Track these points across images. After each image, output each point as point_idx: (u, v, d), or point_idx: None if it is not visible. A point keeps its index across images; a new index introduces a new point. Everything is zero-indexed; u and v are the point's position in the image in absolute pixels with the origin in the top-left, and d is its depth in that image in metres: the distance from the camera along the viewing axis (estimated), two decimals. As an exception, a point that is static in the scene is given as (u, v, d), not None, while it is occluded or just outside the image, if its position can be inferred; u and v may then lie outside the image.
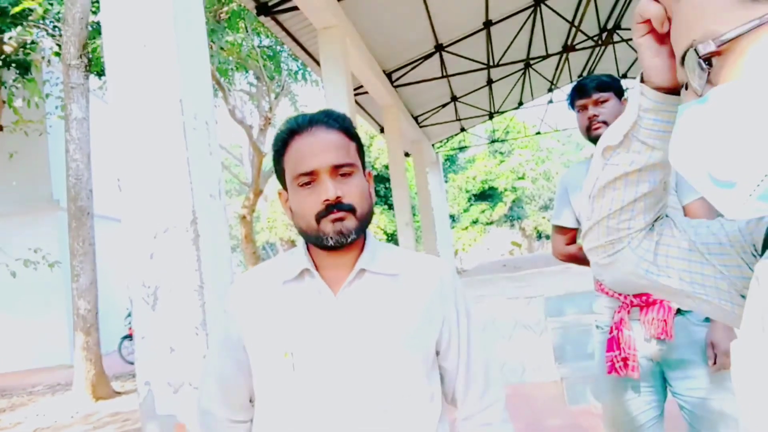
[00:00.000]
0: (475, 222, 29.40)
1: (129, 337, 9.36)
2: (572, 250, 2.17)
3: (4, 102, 8.88)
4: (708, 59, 0.52)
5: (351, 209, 1.02)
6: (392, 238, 20.15)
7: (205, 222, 2.80)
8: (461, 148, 25.96)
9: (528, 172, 30.98)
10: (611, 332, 1.88)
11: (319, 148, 1.02)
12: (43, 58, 9.58)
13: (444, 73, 9.49)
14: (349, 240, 1.02)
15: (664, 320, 1.77)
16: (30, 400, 7.35)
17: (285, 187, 1.09)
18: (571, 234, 2.16)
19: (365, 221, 1.05)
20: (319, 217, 1.01)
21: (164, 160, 2.78)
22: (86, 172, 7.31)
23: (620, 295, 1.88)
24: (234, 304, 1.12)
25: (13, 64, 8.78)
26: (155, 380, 2.75)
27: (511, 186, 29.83)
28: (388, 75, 9.22)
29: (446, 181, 26.94)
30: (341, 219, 1.01)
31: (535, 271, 6.65)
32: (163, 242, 2.75)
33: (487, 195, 29.74)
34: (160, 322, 2.76)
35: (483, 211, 29.40)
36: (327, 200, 1.00)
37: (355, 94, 8.85)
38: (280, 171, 1.08)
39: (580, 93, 1.98)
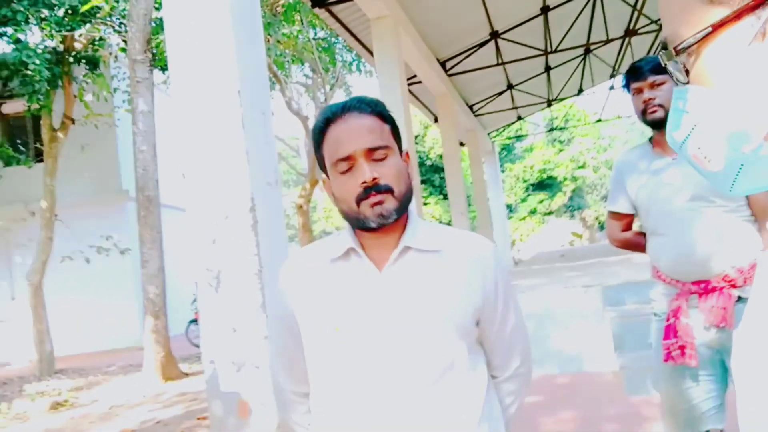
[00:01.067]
0: (533, 212, 28.84)
1: (195, 321, 9.75)
2: (628, 236, 2.12)
3: (75, 96, 9.38)
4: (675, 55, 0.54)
5: (389, 190, 1.05)
6: (447, 228, 20.01)
7: (262, 209, 2.90)
8: (518, 137, 25.48)
9: (589, 160, 30.07)
10: (668, 320, 1.84)
11: (353, 134, 1.05)
12: (110, 54, 10.05)
13: (500, 61, 9.34)
14: (390, 220, 1.05)
15: (723, 308, 1.73)
16: (104, 380, 7.79)
17: (327, 175, 1.14)
18: (627, 220, 2.12)
19: (404, 201, 1.08)
20: (359, 200, 1.05)
21: (224, 150, 2.89)
22: (152, 163, 7.65)
23: (677, 281, 1.84)
24: (286, 281, 1.18)
25: (83, 60, 9.25)
26: (219, 359, 2.89)
27: (571, 175, 29.05)
28: (442, 64, 9.15)
29: (503, 171, 26.53)
30: (380, 202, 1.04)
31: (593, 261, 6.48)
32: (225, 228, 2.87)
33: (545, 184, 29.09)
34: (223, 304, 2.89)
35: (541, 201, 28.80)
36: (364, 182, 1.04)
37: (409, 84, 8.85)
38: (321, 160, 1.13)
39: (635, 75, 1.93)
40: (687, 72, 0.54)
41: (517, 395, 1.21)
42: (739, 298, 1.75)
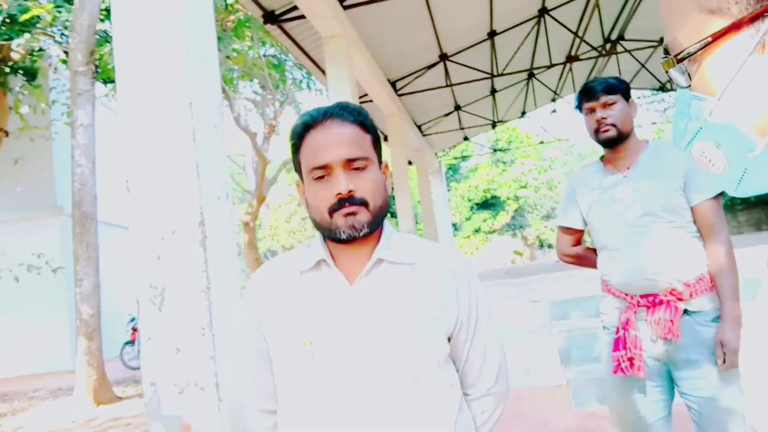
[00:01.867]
0: (477, 230, 29.37)
1: (131, 342, 9.35)
2: (578, 251, 2.17)
3: (10, 108, 8.94)
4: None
5: (363, 203, 1.03)
6: (394, 247, 20.10)
7: (212, 224, 2.82)
8: (464, 157, 25.99)
9: (530, 181, 31.01)
10: (617, 332, 1.88)
11: (332, 142, 1.03)
12: (50, 65, 9.65)
13: (448, 83, 9.55)
14: (362, 234, 1.03)
15: (670, 320, 1.77)
16: (31, 405, 7.33)
17: (302, 180, 1.11)
18: (577, 235, 2.17)
19: (379, 214, 1.06)
20: (332, 211, 1.02)
21: (173, 162, 2.80)
22: (91, 178, 7.34)
23: (627, 295, 1.89)
24: (253, 294, 1.14)
25: (20, 71, 8.84)
26: (161, 381, 2.76)
27: (514, 195, 29.85)
28: (393, 84, 9.28)
29: (449, 190, 26.95)
30: (353, 213, 1.02)
31: (537, 277, 6.63)
32: (171, 244, 2.77)
33: (489, 204, 29.74)
34: (167, 322, 2.77)
35: (485, 220, 29.39)
36: (339, 194, 1.01)
37: (360, 102, 8.90)
38: (296, 164, 1.10)
39: (587, 95, 1.99)
40: (689, 76, 0.55)
41: (491, 414, 1.17)
42: (686, 311, 1.80)
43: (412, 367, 1.03)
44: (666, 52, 0.57)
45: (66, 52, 8.35)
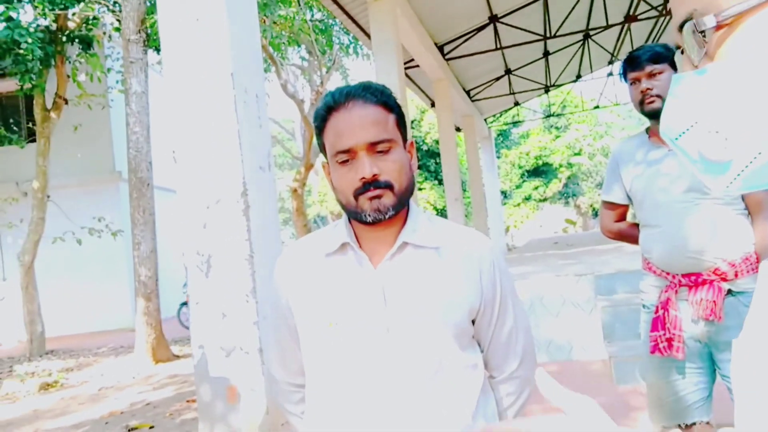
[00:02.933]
0: (527, 198, 28.88)
1: (186, 303, 9.75)
2: (621, 227, 2.10)
3: (68, 76, 9.26)
4: (706, 31, 0.49)
5: (388, 186, 1.02)
6: (441, 214, 20.06)
7: (254, 193, 2.87)
8: (515, 123, 25.44)
9: (585, 147, 30.06)
10: (656, 312, 1.83)
11: (355, 125, 1.01)
12: (104, 33, 9.91)
13: (498, 46, 9.26)
14: (387, 216, 1.02)
15: (713, 301, 1.72)
16: (95, 361, 7.79)
17: (328, 161, 1.10)
18: (620, 210, 2.09)
19: (404, 196, 1.05)
20: (357, 194, 1.02)
21: (216, 133, 2.85)
22: (146, 145, 7.58)
23: (668, 274, 1.83)
24: (281, 275, 1.16)
25: (77, 40, 9.10)
26: (209, 344, 2.87)
27: (567, 162, 29.06)
28: (440, 48, 9.07)
29: (498, 157, 26.49)
30: (378, 197, 1.01)
31: (587, 249, 6.48)
32: (216, 212, 2.84)
33: (540, 171, 29.11)
34: (213, 288, 2.87)
35: (536, 188, 28.83)
36: (364, 178, 1.00)
37: (406, 68, 8.77)
38: (321, 146, 1.09)
39: (632, 65, 1.90)
40: (706, 54, 0.50)
41: (517, 397, 1.17)
42: (729, 292, 1.74)
43: (436, 350, 1.04)
44: (686, 21, 0.51)
45: (119, 20, 8.54)
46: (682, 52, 0.53)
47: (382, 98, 1.05)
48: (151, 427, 4.38)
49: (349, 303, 1.05)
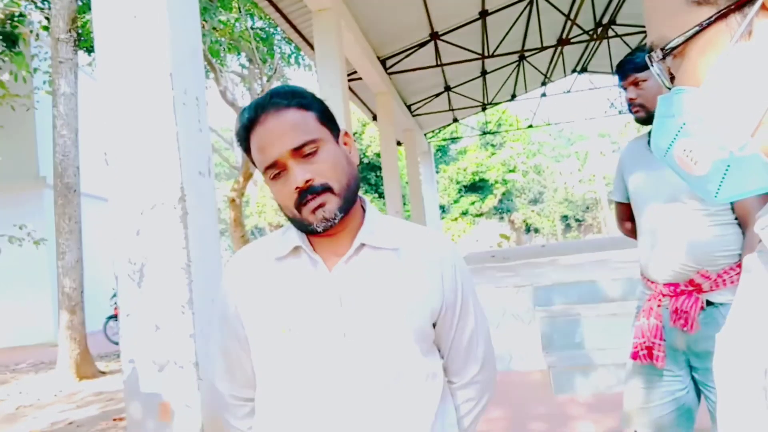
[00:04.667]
0: (465, 213, 29.49)
1: (114, 317, 9.30)
2: (630, 226, 2.11)
3: (-10, 75, 8.72)
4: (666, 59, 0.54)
5: (327, 188, 0.97)
6: (381, 227, 20.11)
7: (193, 199, 2.76)
8: (453, 139, 25.94)
9: (519, 165, 31.10)
10: (638, 319, 1.83)
11: (273, 136, 0.96)
12: (31, 31, 9.40)
13: (438, 62, 9.44)
14: (336, 221, 0.98)
15: (686, 311, 1.71)
16: (13, 378, 7.29)
17: None
18: (624, 208, 2.10)
19: (348, 194, 1.00)
20: (298, 206, 0.97)
21: (153, 136, 2.73)
22: (73, 149, 7.20)
23: (652, 283, 1.83)
24: (229, 281, 1.10)
25: (0, 37, 8.60)
26: (140, 358, 2.72)
27: (502, 178, 29.94)
28: (383, 61, 9.15)
29: (437, 172, 26.93)
30: (321, 205, 0.96)
31: (523, 262, 6.65)
32: (151, 219, 2.71)
33: (477, 186, 29.83)
34: (146, 299, 2.73)
35: (473, 203, 29.50)
36: (297, 187, 0.96)
37: (349, 80, 8.78)
38: (254, 165, 1.04)
39: (619, 73, 1.88)
40: (672, 78, 0.55)
41: (476, 403, 1.14)
42: (709, 302, 1.73)
43: (395, 356, 1.00)
44: (650, 50, 0.56)
45: (48, 19, 8.12)
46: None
47: (294, 99, 0.99)
48: (73, 449, 4.11)
49: (303, 308, 1.00)
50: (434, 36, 8.93)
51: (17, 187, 10.88)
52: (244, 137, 1.00)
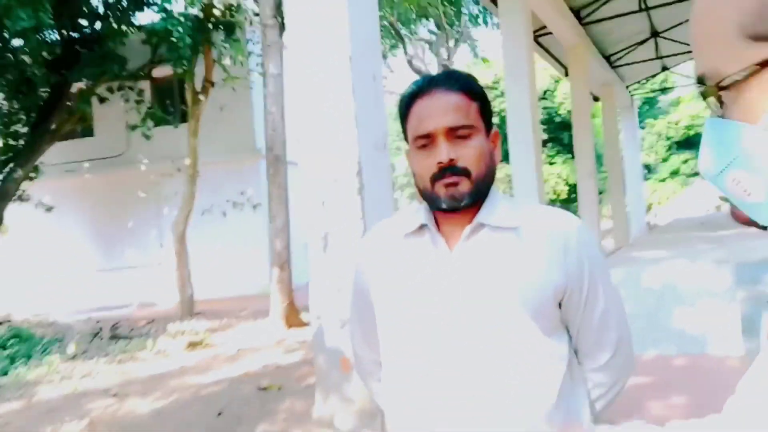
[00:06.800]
0: (675, 173, 26.53)
1: (318, 274, 10.23)
2: None
3: (214, 61, 10.03)
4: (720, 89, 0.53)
5: (465, 172, 1.01)
6: (574, 189, 19.12)
7: (369, 173, 2.94)
8: (663, 90, 23.37)
9: (745, 115, 26.88)
10: None
11: (436, 111, 1.02)
12: (245, 19, 10.56)
13: (643, 6, 8.49)
14: (463, 204, 1.02)
15: None
16: (236, 323, 8.51)
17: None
18: None
19: (482, 184, 1.03)
20: (434, 180, 1.02)
21: (334, 115, 2.95)
22: (281, 124, 8.04)
23: None
24: (361, 255, 1.19)
25: (221, 26, 9.82)
26: (325, 316, 3.03)
27: (723, 132, 26.19)
28: (576, 12, 8.52)
29: (642, 127, 24.54)
30: (455, 184, 1.01)
31: (735, 232, 5.81)
32: (333, 191, 2.96)
33: (692, 143, 26.50)
34: (330, 264, 3.00)
35: (686, 161, 26.35)
36: (440, 162, 1.00)
37: (538, 35, 8.36)
38: (405, 132, 1.10)
39: None
40: (721, 105, 0.54)
41: (608, 389, 1.11)
42: None
43: (512, 334, 1.01)
44: (700, 81, 0.55)
45: (258, 6, 9.05)
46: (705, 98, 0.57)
47: (466, 85, 1.05)
48: (280, 388, 4.73)
49: (424, 286, 1.05)
50: (636, -23, 8.04)
51: (239, 159, 12.46)
52: (408, 104, 1.07)
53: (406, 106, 1.07)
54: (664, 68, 14.11)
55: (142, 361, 6.41)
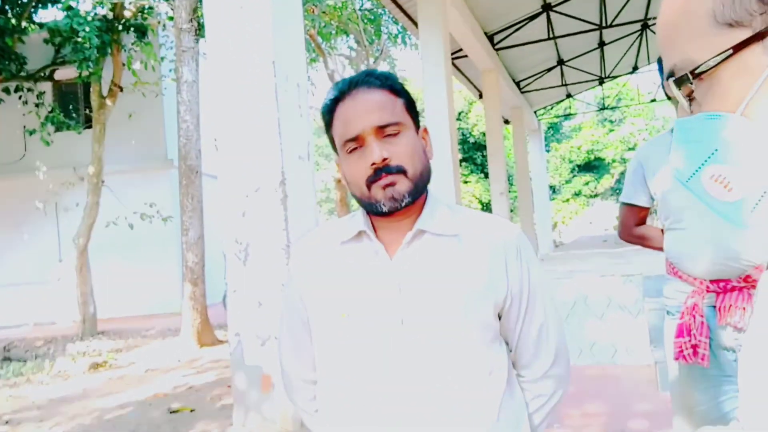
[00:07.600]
0: (577, 194, 28.19)
1: (231, 289, 9.92)
2: (643, 231, 2.04)
3: (123, 65, 9.52)
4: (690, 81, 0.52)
5: (401, 171, 0.97)
6: (486, 208, 19.80)
7: (293, 183, 2.85)
8: (566, 116, 24.80)
9: (640, 142, 29.03)
10: (682, 317, 1.73)
11: (361, 111, 0.98)
12: (158, 22, 10.14)
13: (551, 35, 8.99)
14: (403, 204, 0.98)
15: (743, 308, 1.61)
16: (143, 343, 8.03)
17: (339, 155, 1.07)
18: (642, 214, 2.02)
19: (420, 182, 1.00)
20: (370, 182, 0.98)
21: (256, 122, 2.85)
22: (195, 133, 7.73)
23: (695, 279, 1.72)
24: (295, 264, 1.13)
25: (132, 29, 9.36)
26: (245, 332, 2.89)
27: (620, 157, 28.15)
28: (490, 37, 8.88)
29: (548, 151, 25.91)
30: (392, 183, 0.97)
31: (637, 249, 6.24)
32: (255, 201, 2.84)
33: (592, 166, 28.33)
34: (250, 277, 2.87)
35: (587, 183, 28.10)
36: (374, 163, 0.96)
37: (454, 58, 8.62)
38: (332, 140, 1.05)
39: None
40: (691, 103, 0.53)
41: (548, 399, 1.09)
42: None
43: (453, 345, 0.98)
44: (671, 75, 0.53)
45: (173, 10, 8.72)
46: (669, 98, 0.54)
47: (388, 82, 1.02)
48: (192, 411, 4.47)
49: (363, 293, 1.01)
50: (547, 7, 8.52)
51: (149, 168, 11.88)
52: (331, 109, 1.02)
53: (329, 111, 1.02)
54: (569, 95, 15.02)
55: (39, 384, 5.90)
